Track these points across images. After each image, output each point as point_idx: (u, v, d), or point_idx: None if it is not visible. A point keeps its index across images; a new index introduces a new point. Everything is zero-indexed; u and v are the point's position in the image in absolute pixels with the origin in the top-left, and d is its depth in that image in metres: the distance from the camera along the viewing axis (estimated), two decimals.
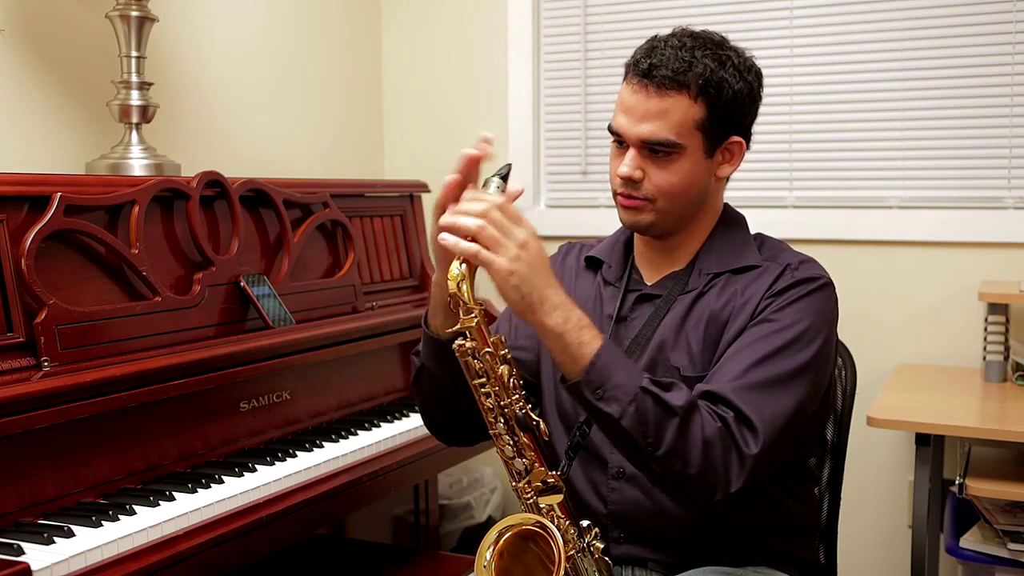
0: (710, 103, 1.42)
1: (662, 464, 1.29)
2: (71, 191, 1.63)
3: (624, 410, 1.28)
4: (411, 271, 2.52)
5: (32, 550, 1.32)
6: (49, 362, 1.53)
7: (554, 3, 2.92)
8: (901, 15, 2.53)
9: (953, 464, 2.40)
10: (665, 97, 1.41)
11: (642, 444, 1.28)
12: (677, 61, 1.42)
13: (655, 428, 1.28)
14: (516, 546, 1.32)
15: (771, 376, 1.36)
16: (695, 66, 1.41)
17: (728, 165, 1.51)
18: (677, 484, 1.32)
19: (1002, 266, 2.43)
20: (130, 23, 1.98)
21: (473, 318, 1.27)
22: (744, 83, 1.45)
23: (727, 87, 1.43)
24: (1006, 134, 2.46)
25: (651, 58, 1.43)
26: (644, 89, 1.42)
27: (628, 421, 1.28)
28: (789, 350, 1.38)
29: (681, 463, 1.29)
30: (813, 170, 2.66)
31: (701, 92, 1.41)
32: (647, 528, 1.47)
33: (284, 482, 1.68)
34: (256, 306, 1.93)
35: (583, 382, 1.29)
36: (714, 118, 1.43)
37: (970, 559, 2.05)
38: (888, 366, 2.46)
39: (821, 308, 1.44)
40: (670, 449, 1.28)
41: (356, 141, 3.04)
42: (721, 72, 1.43)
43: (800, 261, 1.49)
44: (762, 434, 1.32)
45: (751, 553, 1.49)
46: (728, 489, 1.31)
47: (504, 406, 1.30)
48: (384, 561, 2.25)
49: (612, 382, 1.29)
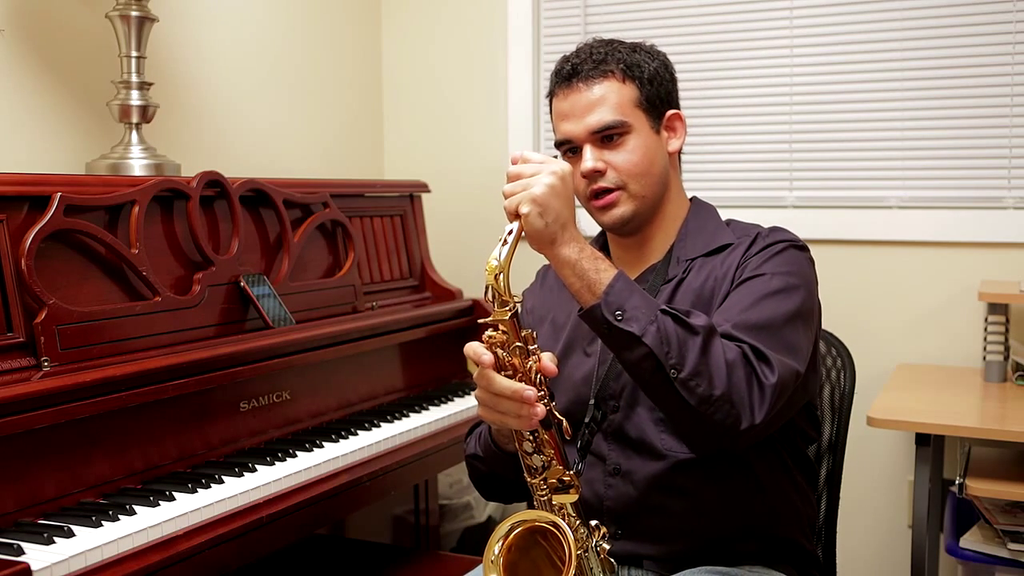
0: (638, 82, 1.52)
1: (687, 387, 1.28)
2: (71, 191, 1.63)
3: (646, 328, 1.29)
4: (411, 271, 2.52)
5: (32, 550, 1.32)
6: (49, 362, 1.53)
7: (554, 3, 2.92)
8: (901, 15, 2.53)
9: (953, 464, 2.40)
10: (596, 86, 1.50)
11: (665, 365, 1.28)
12: (594, 54, 1.52)
13: (678, 347, 1.29)
14: (525, 540, 1.32)
15: (767, 318, 1.39)
16: (611, 55, 1.52)
17: (675, 139, 1.58)
18: (703, 409, 1.29)
19: (1002, 266, 2.44)
20: (130, 23, 1.98)
21: (507, 311, 1.29)
22: (658, 61, 1.56)
23: (645, 66, 1.53)
24: (1006, 134, 2.46)
25: (570, 62, 1.53)
26: (575, 88, 1.51)
27: (651, 339, 1.28)
28: (776, 297, 1.42)
29: (707, 384, 1.28)
30: (813, 170, 2.66)
31: (626, 74, 1.51)
32: (643, 524, 1.48)
33: (284, 482, 1.68)
34: (256, 306, 1.93)
35: (603, 304, 1.31)
36: (647, 95, 1.52)
37: (970, 559, 2.05)
38: (888, 366, 2.46)
39: (799, 264, 1.49)
40: (694, 369, 1.28)
41: (356, 141, 3.04)
42: (635, 55, 1.54)
43: (771, 228, 1.55)
44: (776, 366, 1.33)
45: (746, 546, 1.49)
46: (753, 418, 1.30)
47: None
48: (384, 561, 2.25)
49: (631, 303, 1.31)
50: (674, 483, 1.46)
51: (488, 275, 1.28)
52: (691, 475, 1.46)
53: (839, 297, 2.47)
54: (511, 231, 1.30)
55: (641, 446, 1.48)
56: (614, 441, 1.50)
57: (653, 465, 1.47)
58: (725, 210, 1.75)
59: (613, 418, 1.50)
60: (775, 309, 1.40)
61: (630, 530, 1.49)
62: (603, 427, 1.51)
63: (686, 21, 2.75)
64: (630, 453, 1.49)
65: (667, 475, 1.46)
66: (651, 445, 1.47)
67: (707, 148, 2.76)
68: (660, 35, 2.77)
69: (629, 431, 1.49)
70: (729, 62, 2.71)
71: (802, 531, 1.57)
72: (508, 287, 1.29)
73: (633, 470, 1.47)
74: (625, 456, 1.49)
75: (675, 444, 1.46)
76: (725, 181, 2.75)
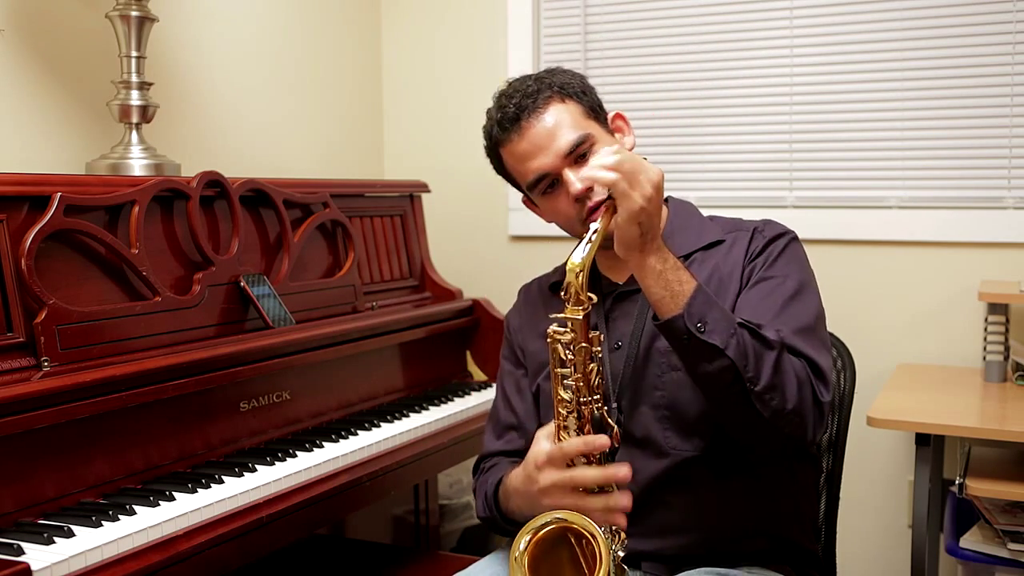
0: (575, 96, 1.55)
1: (761, 399, 1.32)
2: (71, 191, 1.63)
3: (728, 341, 1.31)
4: (411, 271, 2.52)
5: (32, 550, 1.32)
6: (49, 362, 1.53)
7: (554, 3, 2.92)
8: (901, 15, 2.53)
9: (953, 464, 2.40)
10: (544, 115, 1.52)
11: (744, 377, 1.31)
12: (527, 90, 1.54)
13: (755, 361, 1.32)
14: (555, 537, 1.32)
15: (804, 324, 1.43)
16: (540, 83, 1.55)
17: (627, 136, 1.62)
18: (775, 421, 1.33)
19: (1002, 266, 2.44)
20: (130, 23, 1.98)
21: (582, 309, 1.32)
22: (576, 76, 1.60)
23: (572, 82, 1.57)
24: (1006, 134, 2.46)
25: (509, 107, 1.54)
26: (526, 125, 1.53)
27: (732, 351, 1.31)
28: (800, 299, 1.46)
29: (780, 398, 1.32)
30: (813, 170, 2.66)
31: (562, 93, 1.54)
32: (644, 520, 1.48)
33: (284, 482, 1.68)
34: (256, 306, 1.93)
35: (685, 315, 1.32)
36: (588, 105, 1.56)
37: (970, 559, 2.05)
38: (888, 366, 2.46)
39: (801, 258, 1.54)
40: (769, 383, 1.32)
41: (356, 141, 3.04)
42: (557, 77, 1.57)
43: (763, 222, 1.58)
44: (829, 383, 1.40)
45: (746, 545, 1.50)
46: (816, 432, 1.37)
47: (583, 403, 1.34)
48: (384, 561, 2.25)
49: (712, 315, 1.33)
50: (677, 480, 1.47)
51: (570, 273, 1.31)
52: (694, 472, 1.47)
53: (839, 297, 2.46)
54: (595, 231, 1.32)
55: (645, 444, 1.49)
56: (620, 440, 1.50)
57: (656, 463, 1.48)
58: (725, 210, 1.76)
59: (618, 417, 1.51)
60: (806, 312, 1.45)
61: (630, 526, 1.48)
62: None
63: (686, 21, 2.75)
64: (634, 451, 1.49)
65: (670, 472, 1.47)
66: (655, 443, 1.48)
67: (707, 148, 2.76)
68: (660, 35, 2.77)
69: (634, 430, 1.49)
70: (729, 62, 2.71)
71: (802, 530, 1.57)
72: (586, 286, 1.32)
73: (636, 468, 1.47)
74: (629, 455, 1.49)
75: (679, 441, 1.47)
76: (725, 181, 2.75)
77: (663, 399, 1.47)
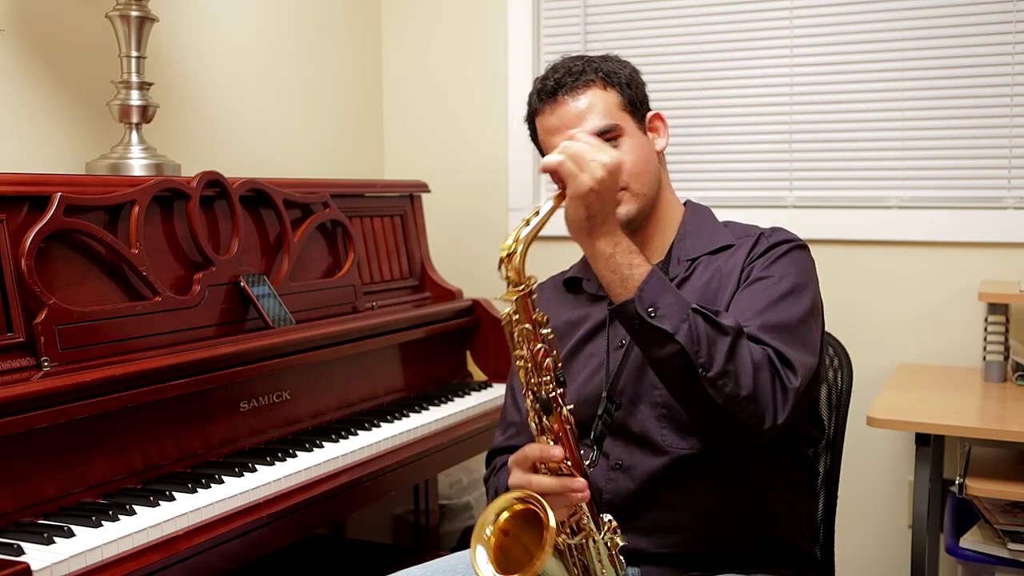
0: (618, 87, 1.56)
1: (714, 385, 1.30)
2: (71, 191, 1.63)
3: (678, 326, 1.30)
4: (411, 271, 2.52)
5: (32, 550, 1.32)
6: (49, 362, 1.53)
7: (554, 3, 2.92)
8: (901, 15, 2.53)
9: (953, 464, 2.40)
10: (581, 96, 1.53)
11: (695, 363, 1.29)
12: (572, 67, 1.55)
13: (707, 346, 1.30)
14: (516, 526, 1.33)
15: (785, 320, 1.41)
16: (588, 66, 1.56)
17: (660, 138, 1.62)
18: (728, 408, 1.31)
19: (1002, 266, 2.44)
20: (130, 23, 1.98)
21: (519, 291, 1.31)
22: (629, 67, 1.61)
23: (620, 72, 1.57)
24: (1006, 134, 2.46)
25: (550, 80, 1.56)
26: (561, 102, 1.54)
27: (683, 336, 1.29)
28: (789, 299, 1.45)
29: (733, 383, 1.30)
30: (813, 170, 2.66)
31: (606, 81, 1.55)
32: (641, 518, 1.48)
33: (284, 482, 1.68)
34: (256, 306, 1.93)
35: (636, 300, 1.31)
36: (629, 98, 1.56)
37: (970, 559, 2.05)
38: (888, 366, 2.46)
39: (804, 264, 1.53)
40: (722, 369, 1.30)
41: (356, 141, 3.04)
42: (607, 64, 1.58)
43: (772, 229, 1.58)
44: (799, 370, 1.36)
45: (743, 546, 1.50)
46: (776, 419, 1.33)
47: (533, 385, 1.33)
48: (384, 561, 2.25)
49: (665, 300, 1.32)
50: (674, 478, 1.47)
51: (502, 251, 1.30)
52: (691, 471, 1.47)
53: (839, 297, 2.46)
54: (538, 212, 1.31)
55: (643, 442, 1.49)
56: (617, 437, 1.51)
57: (654, 460, 1.48)
58: (725, 210, 1.75)
59: (616, 414, 1.51)
60: (791, 310, 1.43)
61: (628, 524, 1.48)
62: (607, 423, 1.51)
63: (686, 21, 2.75)
64: (632, 448, 1.50)
65: (667, 470, 1.47)
66: (653, 441, 1.48)
67: (707, 148, 2.76)
68: (660, 35, 2.77)
69: (632, 427, 1.50)
70: (729, 62, 2.71)
71: (800, 532, 1.57)
72: (523, 267, 1.30)
73: (634, 465, 1.49)
74: (627, 452, 1.50)
75: (676, 440, 1.47)
76: (725, 181, 2.75)
77: (661, 397, 1.47)
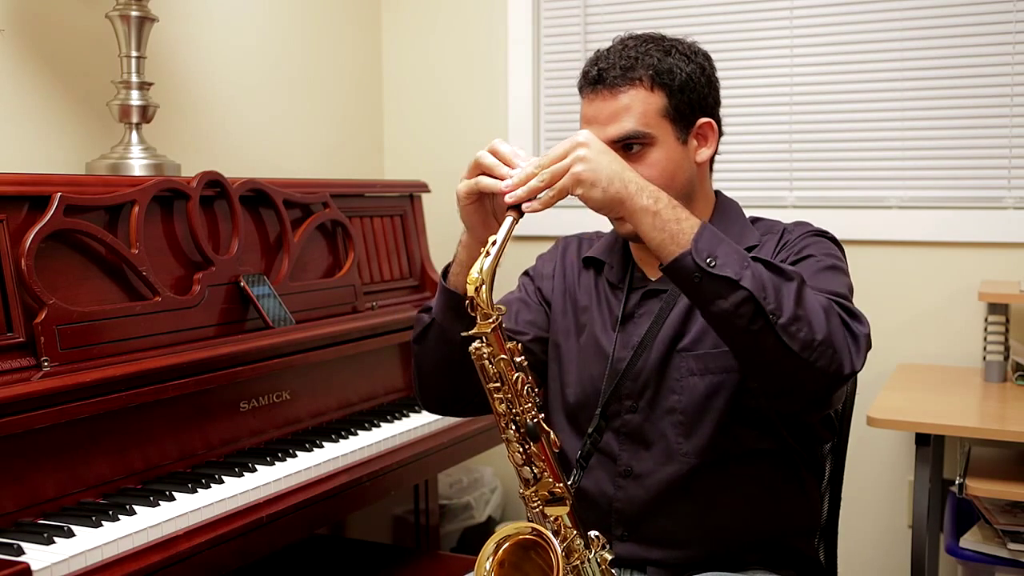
0: (667, 90, 1.45)
1: (787, 331, 1.23)
2: (71, 191, 1.63)
3: (741, 273, 1.23)
4: (411, 271, 2.52)
5: (32, 550, 1.32)
6: (49, 362, 1.53)
7: (554, 3, 2.92)
8: (901, 15, 2.53)
9: (953, 464, 2.40)
10: (621, 94, 1.44)
11: (765, 310, 1.22)
12: (624, 59, 1.45)
13: (774, 292, 1.23)
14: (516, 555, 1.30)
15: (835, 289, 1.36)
16: (642, 59, 1.45)
17: (705, 148, 1.51)
18: (806, 355, 1.24)
19: (1002, 266, 2.43)
20: (130, 23, 1.98)
21: (491, 323, 1.27)
22: (694, 64, 1.48)
23: (679, 72, 1.45)
24: (1006, 134, 2.46)
25: (598, 65, 1.46)
26: (600, 95, 1.45)
27: (748, 282, 1.23)
28: (833, 272, 1.41)
29: (808, 328, 1.23)
30: (813, 170, 2.66)
31: (655, 82, 1.44)
32: (651, 527, 1.47)
33: (284, 482, 1.68)
34: (256, 306, 1.93)
35: (693, 252, 1.24)
36: (676, 104, 1.45)
37: (970, 559, 2.05)
38: (888, 366, 2.46)
39: (835, 251, 1.48)
40: (793, 314, 1.23)
41: (356, 141, 3.04)
42: (668, 59, 1.45)
43: (795, 223, 1.54)
44: (863, 318, 1.32)
45: (752, 552, 1.49)
46: (853, 365, 1.27)
47: (516, 414, 1.29)
48: (384, 561, 2.25)
49: (722, 249, 1.25)
50: (688, 487, 1.45)
51: (469, 287, 1.25)
52: (705, 480, 1.45)
53: None
54: (494, 241, 1.27)
55: (657, 448, 1.47)
56: (628, 442, 1.49)
57: (668, 469, 1.46)
58: None
59: (629, 418, 1.49)
60: (835, 282, 1.39)
61: (637, 532, 1.48)
62: (616, 426, 1.49)
63: (686, 21, 2.75)
64: (644, 455, 1.47)
65: (682, 479, 1.45)
66: (669, 448, 1.46)
67: None
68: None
69: (647, 433, 1.47)
70: (729, 62, 2.70)
71: (807, 539, 1.57)
72: (491, 299, 1.26)
73: (646, 472, 1.46)
74: (638, 458, 1.48)
75: (690, 447, 1.45)
76: (725, 181, 2.74)
77: (679, 403, 1.46)
